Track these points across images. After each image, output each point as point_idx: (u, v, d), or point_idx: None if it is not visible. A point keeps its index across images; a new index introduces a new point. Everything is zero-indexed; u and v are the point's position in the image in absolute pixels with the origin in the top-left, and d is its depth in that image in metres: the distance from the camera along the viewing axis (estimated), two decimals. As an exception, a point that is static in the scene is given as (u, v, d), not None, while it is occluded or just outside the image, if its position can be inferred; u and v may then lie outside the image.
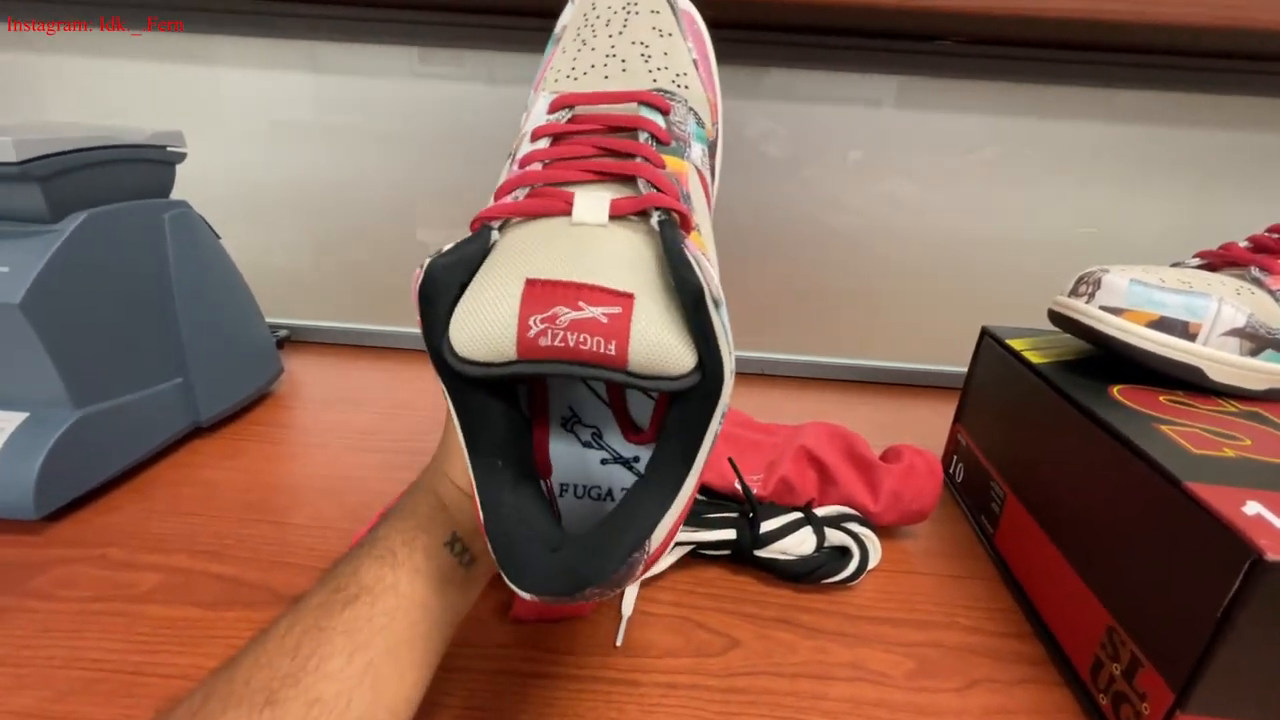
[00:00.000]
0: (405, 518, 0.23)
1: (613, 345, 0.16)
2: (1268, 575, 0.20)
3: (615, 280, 0.17)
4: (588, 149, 0.22)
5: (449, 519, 0.23)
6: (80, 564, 0.32)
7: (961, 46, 0.52)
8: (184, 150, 0.43)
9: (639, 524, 0.17)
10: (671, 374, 0.17)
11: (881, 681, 0.28)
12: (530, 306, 0.16)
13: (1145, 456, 0.26)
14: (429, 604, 0.22)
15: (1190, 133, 0.55)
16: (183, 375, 0.42)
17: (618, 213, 0.19)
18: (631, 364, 0.16)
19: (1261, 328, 0.31)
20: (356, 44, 0.56)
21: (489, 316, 0.17)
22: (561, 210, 0.19)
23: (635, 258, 0.18)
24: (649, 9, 0.27)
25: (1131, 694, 0.25)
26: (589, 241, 0.18)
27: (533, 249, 0.18)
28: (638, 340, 0.16)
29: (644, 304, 0.16)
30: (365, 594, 0.20)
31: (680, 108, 0.25)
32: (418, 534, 0.23)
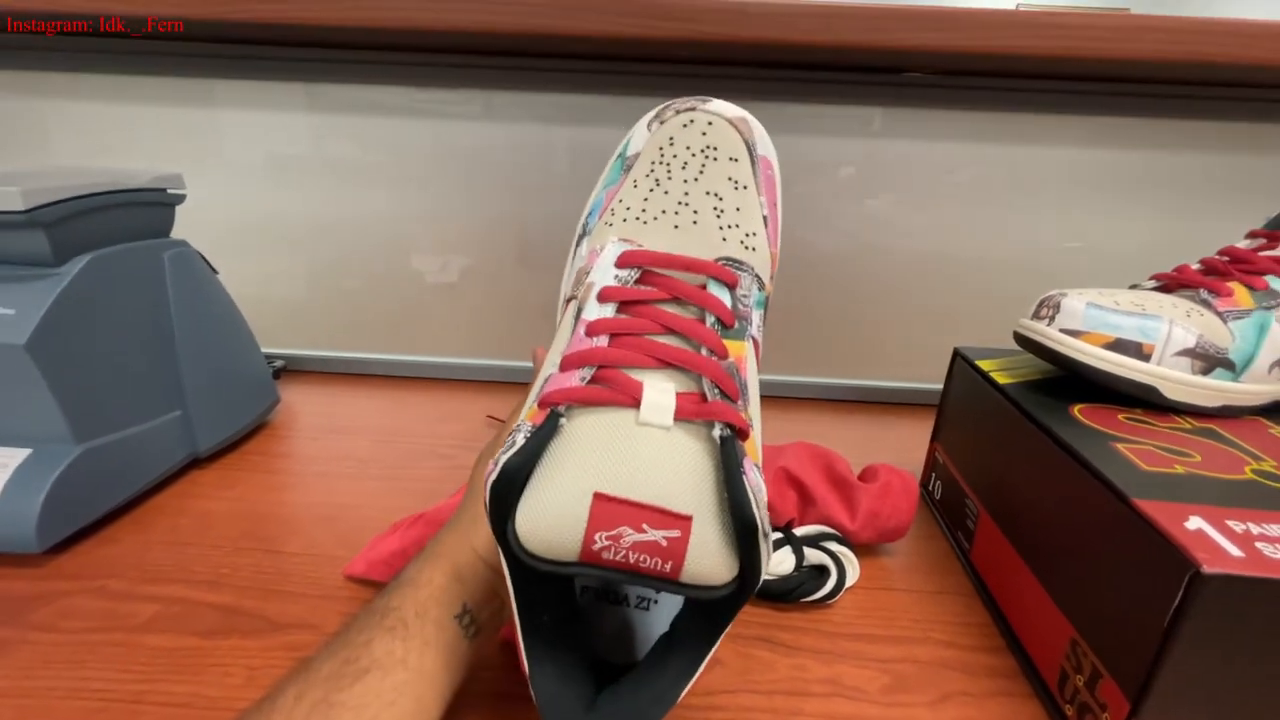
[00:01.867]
0: (420, 586, 0.24)
1: (669, 565, 0.18)
2: (1207, 588, 0.22)
3: (677, 501, 0.18)
4: (654, 325, 0.22)
5: (462, 591, 0.25)
6: (81, 595, 0.33)
7: (935, 79, 0.55)
8: (183, 192, 0.44)
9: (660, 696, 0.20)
10: (715, 585, 0.19)
11: (857, 697, 0.29)
12: (597, 523, 0.18)
13: (1098, 473, 0.27)
14: (435, 676, 0.22)
15: (1166, 156, 0.57)
16: (181, 408, 0.43)
17: (681, 417, 0.20)
18: (683, 578, 0.18)
19: (1210, 348, 0.32)
20: (353, 84, 0.58)
21: (557, 523, 0.18)
22: (628, 404, 0.20)
23: (696, 471, 0.19)
24: (728, 155, 0.26)
25: (1094, 704, 0.26)
26: (654, 451, 0.19)
27: (601, 452, 0.19)
28: (691, 563, 0.18)
29: (700, 528, 0.18)
30: (376, 668, 0.21)
31: (746, 278, 0.25)
32: (431, 605, 0.24)
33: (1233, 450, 0.30)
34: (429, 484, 0.45)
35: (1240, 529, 0.23)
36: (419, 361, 0.65)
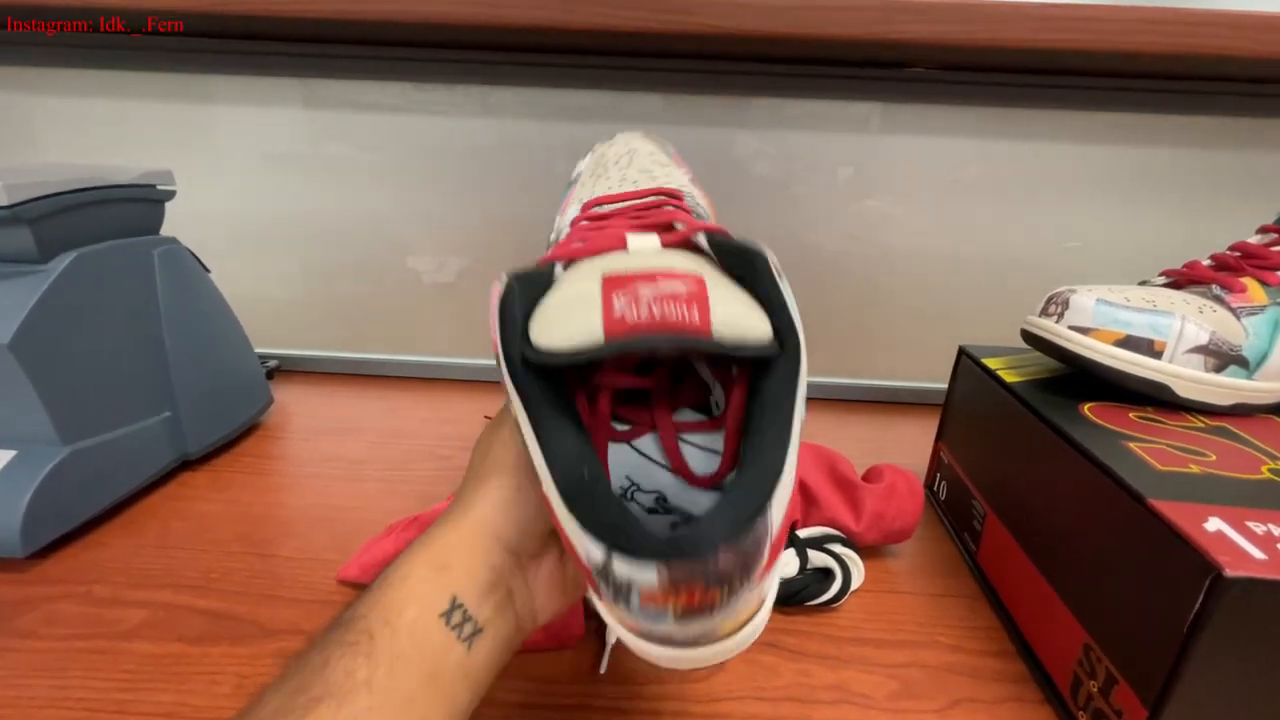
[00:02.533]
0: (392, 586, 0.19)
1: (695, 311, 0.17)
2: (1229, 591, 0.21)
3: (682, 269, 0.18)
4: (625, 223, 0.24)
5: (450, 581, 0.20)
6: (66, 601, 0.32)
7: (936, 73, 0.54)
8: (173, 188, 0.43)
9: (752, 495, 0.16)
10: (754, 341, 0.17)
11: (865, 704, 0.29)
12: (611, 288, 0.17)
13: (1112, 474, 0.26)
14: (414, 698, 0.18)
15: (1168, 152, 0.57)
16: (171, 409, 0.42)
17: (667, 244, 0.21)
18: (715, 331, 0.17)
19: (1224, 345, 0.32)
20: (349, 80, 0.57)
21: (572, 307, 0.18)
22: (617, 246, 0.21)
23: (695, 259, 0.20)
24: (646, 150, 0.34)
25: (1109, 711, 0.25)
26: (649, 256, 0.20)
27: (599, 264, 0.19)
28: (717, 304, 0.17)
29: (714, 283, 0.18)
30: (330, 697, 0.16)
31: (689, 199, 0.29)
32: (404, 607, 0.19)
33: (1248, 449, 0.29)
34: (425, 485, 0.44)
35: (1261, 530, 0.23)
36: (415, 362, 0.65)
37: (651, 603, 0.15)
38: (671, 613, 0.15)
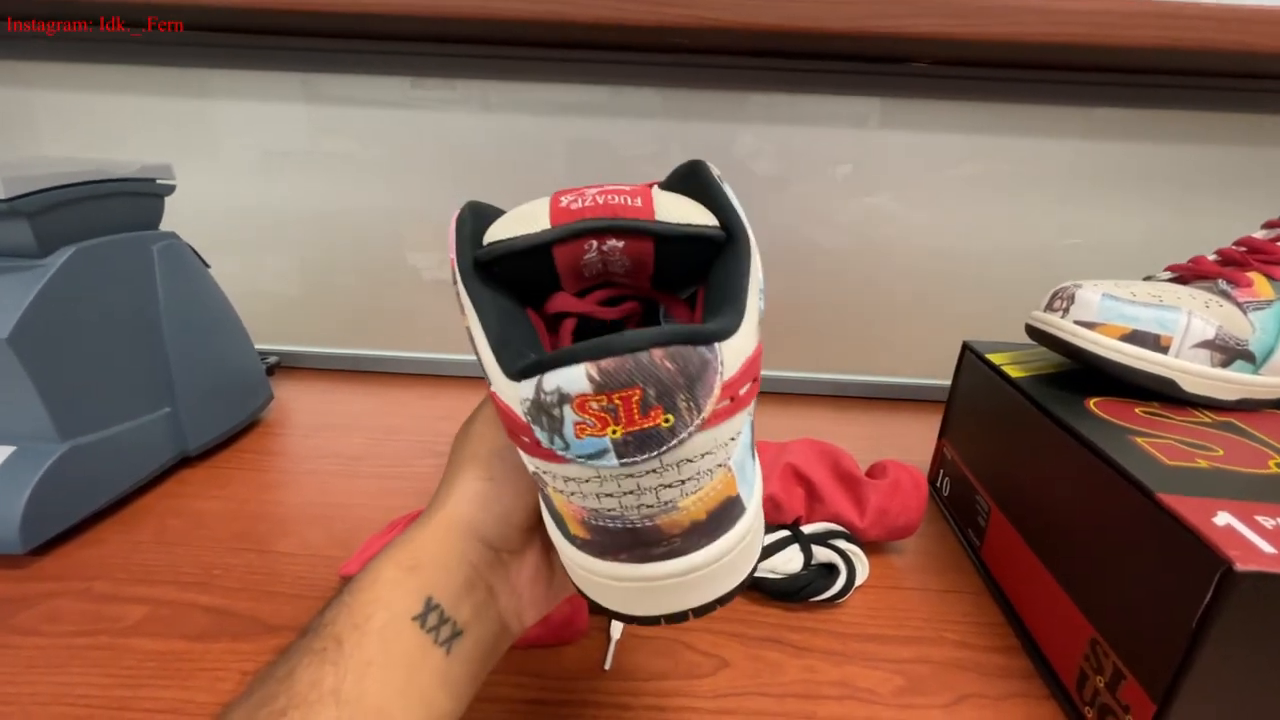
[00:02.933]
0: (361, 589, 0.18)
1: (639, 200, 0.18)
2: (1239, 586, 0.21)
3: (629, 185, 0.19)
4: None
5: (423, 581, 0.19)
6: (66, 598, 0.32)
7: (937, 68, 0.54)
8: (173, 182, 0.43)
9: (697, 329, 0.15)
10: (698, 224, 0.18)
11: (870, 699, 0.28)
12: (559, 195, 0.18)
13: (1119, 468, 0.26)
14: (387, 709, 0.16)
15: (1167, 148, 0.57)
16: (171, 405, 0.42)
17: None
18: (659, 215, 0.17)
19: (1230, 339, 0.31)
20: (350, 75, 0.57)
21: (522, 213, 0.18)
22: None
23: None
24: None
25: (1116, 706, 0.25)
26: None
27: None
28: (660, 198, 0.18)
29: (659, 191, 0.19)
30: (294, 709, 0.16)
31: None
32: (374, 610, 0.18)
33: (1255, 444, 0.29)
34: (425, 482, 0.44)
35: (1270, 525, 0.23)
36: (415, 358, 0.64)
37: (585, 421, 0.14)
38: (611, 442, 0.14)
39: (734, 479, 0.17)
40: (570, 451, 0.15)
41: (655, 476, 0.15)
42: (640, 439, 0.14)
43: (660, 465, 0.15)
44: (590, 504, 0.16)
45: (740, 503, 0.17)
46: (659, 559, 0.16)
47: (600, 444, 0.14)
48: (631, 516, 0.16)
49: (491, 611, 0.20)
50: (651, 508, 0.15)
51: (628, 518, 0.16)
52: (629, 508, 0.15)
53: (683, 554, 0.16)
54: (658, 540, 0.16)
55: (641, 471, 0.15)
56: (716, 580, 0.17)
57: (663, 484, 0.15)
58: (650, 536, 0.16)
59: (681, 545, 0.16)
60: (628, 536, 0.16)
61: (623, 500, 0.15)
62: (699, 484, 0.16)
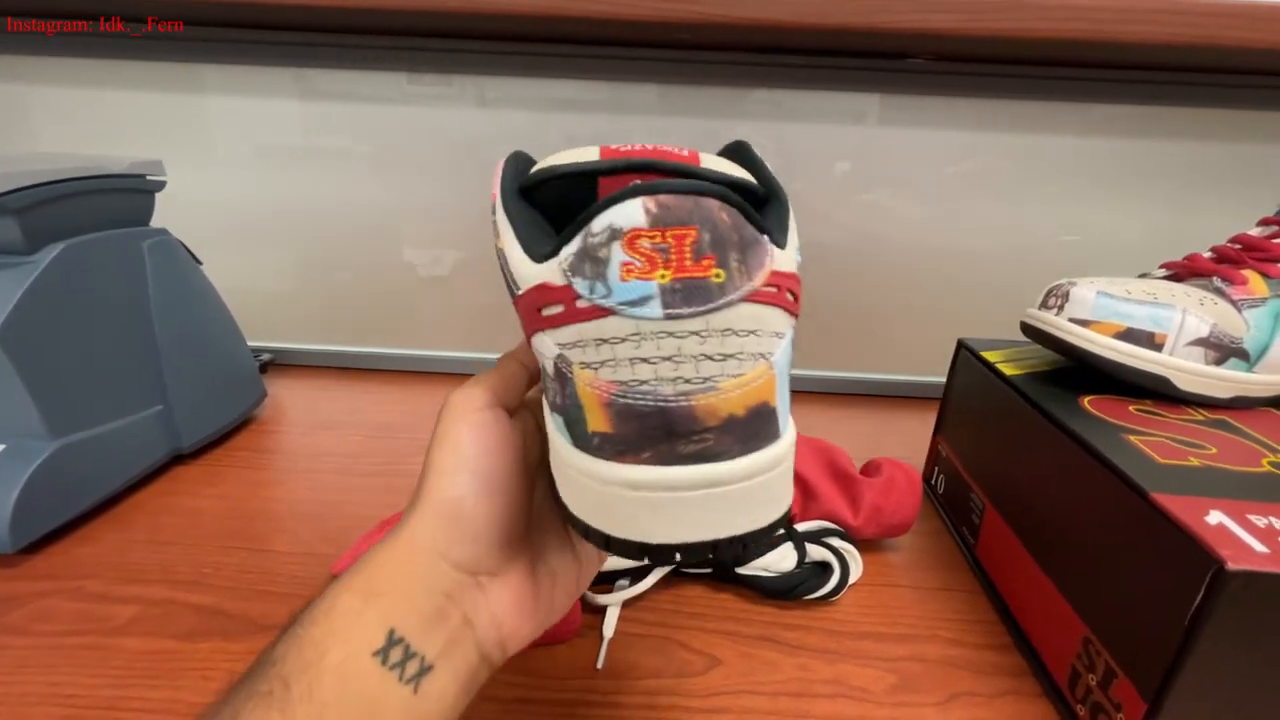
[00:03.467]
0: (314, 621, 0.16)
1: (685, 152, 0.17)
2: (1231, 585, 0.21)
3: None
4: None
5: (384, 611, 0.17)
6: (56, 597, 0.32)
7: (936, 64, 0.54)
8: (163, 179, 0.43)
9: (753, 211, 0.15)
10: (739, 179, 0.18)
11: (863, 698, 0.28)
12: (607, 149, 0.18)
13: (1112, 466, 0.26)
14: None
15: (1166, 144, 0.56)
16: (163, 402, 0.42)
17: None
18: (703, 164, 0.17)
19: (1224, 337, 0.31)
20: (344, 70, 0.56)
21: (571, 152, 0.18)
22: None
23: None
24: None
25: (1108, 704, 0.25)
26: None
27: None
28: (706, 156, 0.18)
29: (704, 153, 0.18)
30: None
31: None
32: (328, 645, 0.16)
33: (1248, 442, 0.29)
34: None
35: (1262, 523, 0.23)
36: (410, 355, 0.64)
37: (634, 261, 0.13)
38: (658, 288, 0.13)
39: (775, 383, 0.15)
40: (613, 298, 0.14)
41: (698, 341, 0.14)
42: (689, 288, 0.13)
43: (706, 328, 0.14)
44: (622, 374, 0.14)
45: (777, 419, 0.16)
46: (688, 459, 0.15)
47: (646, 289, 0.13)
48: (665, 391, 0.14)
49: (467, 644, 0.18)
50: (689, 383, 0.14)
51: (661, 393, 0.14)
52: (664, 379, 0.14)
53: (716, 457, 0.15)
54: (690, 430, 0.14)
55: (684, 331, 0.14)
56: (750, 506, 0.15)
57: (704, 353, 0.14)
58: (683, 423, 0.14)
59: (715, 444, 0.15)
60: (658, 420, 0.14)
61: (659, 369, 0.14)
62: (741, 366, 0.14)
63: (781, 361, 0.16)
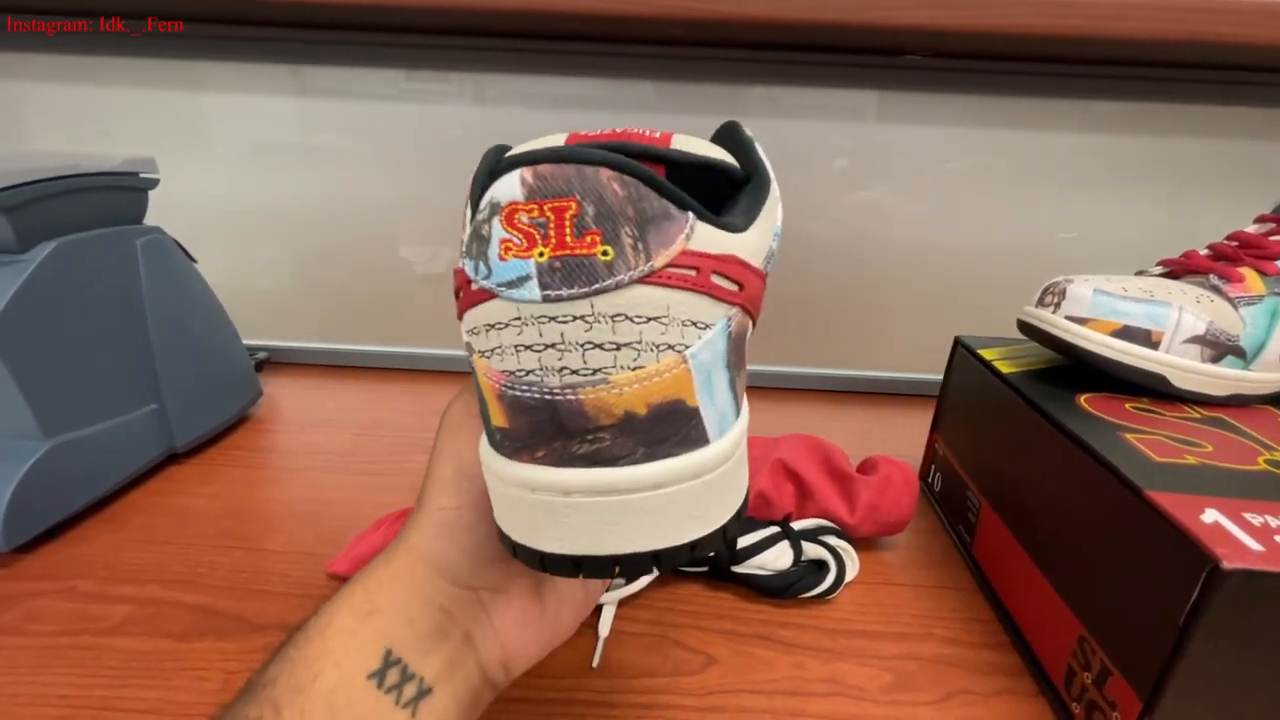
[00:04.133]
0: (309, 641, 0.16)
1: (656, 134, 0.16)
2: (1226, 583, 0.21)
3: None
4: None
5: (381, 630, 0.16)
6: (49, 597, 0.32)
7: (934, 61, 0.53)
8: (156, 176, 0.42)
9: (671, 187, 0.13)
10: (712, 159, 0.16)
11: (859, 696, 0.28)
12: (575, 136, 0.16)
13: (1108, 465, 0.26)
14: None
15: (1164, 141, 0.56)
16: (157, 402, 0.41)
17: None
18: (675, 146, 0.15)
19: (1221, 335, 0.31)
20: (342, 67, 0.56)
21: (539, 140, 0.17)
22: None
23: None
24: None
25: (1103, 703, 0.25)
26: None
27: None
28: (679, 137, 0.16)
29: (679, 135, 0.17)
30: None
31: None
32: (322, 667, 0.15)
33: (1244, 440, 0.29)
34: (416, 478, 0.42)
35: (1258, 522, 0.22)
36: (407, 353, 0.64)
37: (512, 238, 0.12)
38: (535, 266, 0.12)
39: (691, 379, 0.14)
40: (492, 279, 0.13)
41: (583, 327, 0.13)
42: (570, 267, 0.12)
43: (591, 312, 0.12)
44: (509, 363, 0.13)
45: (698, 421, 0.14)
46: (581, 462, 0.13)
47: (523, 267, 0.12)
48: (551, 383, 0.13)
49: (468, 664, 0.18)
50: (576, 374, 0.13)
51: (547, 384, 0.13)
52: (549, 369, 0.13)
53: (611, 460, 0.13)
54: (581, 428, 0.13)
55: (568, 315, 0.12)
56: (659, 519, 0.14)
57: (592, 340, 0.13)
58: (573, 419, 0.13)
59: (611, 445, 0.13)
60: (546, 414, 0.13)
61: (543, 357, 0.13)
62: (638, 359, 0.13)
63: (705, 356, 0.14)
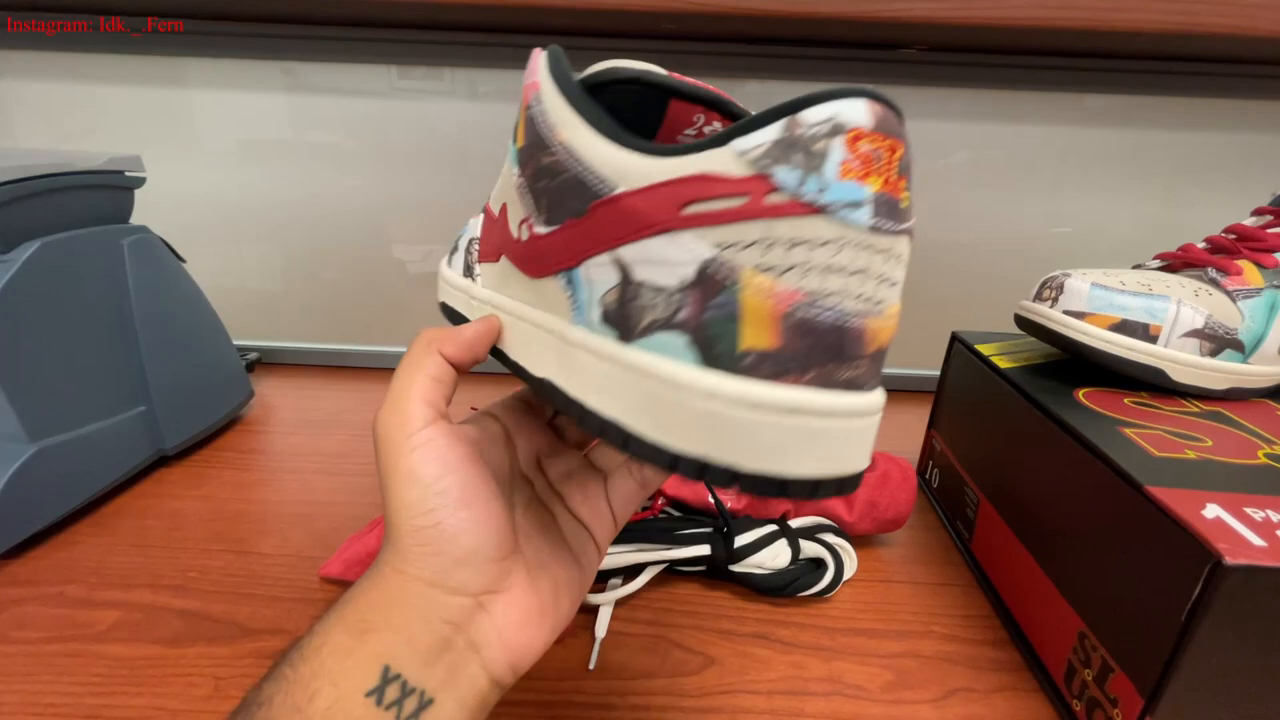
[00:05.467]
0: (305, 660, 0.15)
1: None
2: (1228, 579, 0.20)
3: None
4: None
5: (378, 648, 0.16)
6: (36, 603, 0.31)
7: (929, 54, 0.53)
8: (142, 175, 0.42)
9: None
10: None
11: (858, 695, 0.28)
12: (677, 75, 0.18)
13: (1108, 460, 0.26)
14: None
15: (1160, 134, 0.56)
16: (145, 403, 0.41)
17: None
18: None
19: (1219, 328, 0.31)
20: (333, 63, 0.55)
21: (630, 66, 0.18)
22: None
23: None
24: None
25: (1104, 699, 0.25)
26: None
27: None
28: None
29: None
30: None
31: None
32: (319, 686, 0.15)
33: (1243, 434, 0.29)
34: (410, 479, 0.43)
35: (1260, 516, 0.22)
36: (400, 353, 0.63)
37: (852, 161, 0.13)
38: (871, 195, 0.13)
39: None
40: (826, 195, 0.13)
41: (883, 260, 0.13)
42: (890, 204, 0.13)
43: (892, 249, 0.13)
44: (811, 283, 0.13)
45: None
46: (841, 386, 0.14)
47: (861, 193, 0.13)
48: (848, 308, 0.13)
49: (473, 668, 0.17)
50: (868, 302, 0.13)
51: (844, 309, 0.13)
52: (850, 295, 0.13)
53: (861, 387, 0.14)
54: (853, 355, 0.14)
55: (880, 247, 0.13)
56: (867, 444, 0.15)
57: (885, 274, 0.13)
58: (851, 345, 0.14)
59: (864, 374, 0.14)
60: (833, 339, 0.13)
61: (849, 282, 0.13)
62: (896, 297, 0.14)
63: None
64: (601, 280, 0.16)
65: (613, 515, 0.23)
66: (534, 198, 0.18)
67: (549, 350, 0.18)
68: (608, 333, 0.16)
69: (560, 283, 0.17)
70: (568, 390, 0.17)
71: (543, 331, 0.19)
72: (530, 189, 0.18)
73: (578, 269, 0.16)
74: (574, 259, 0.16)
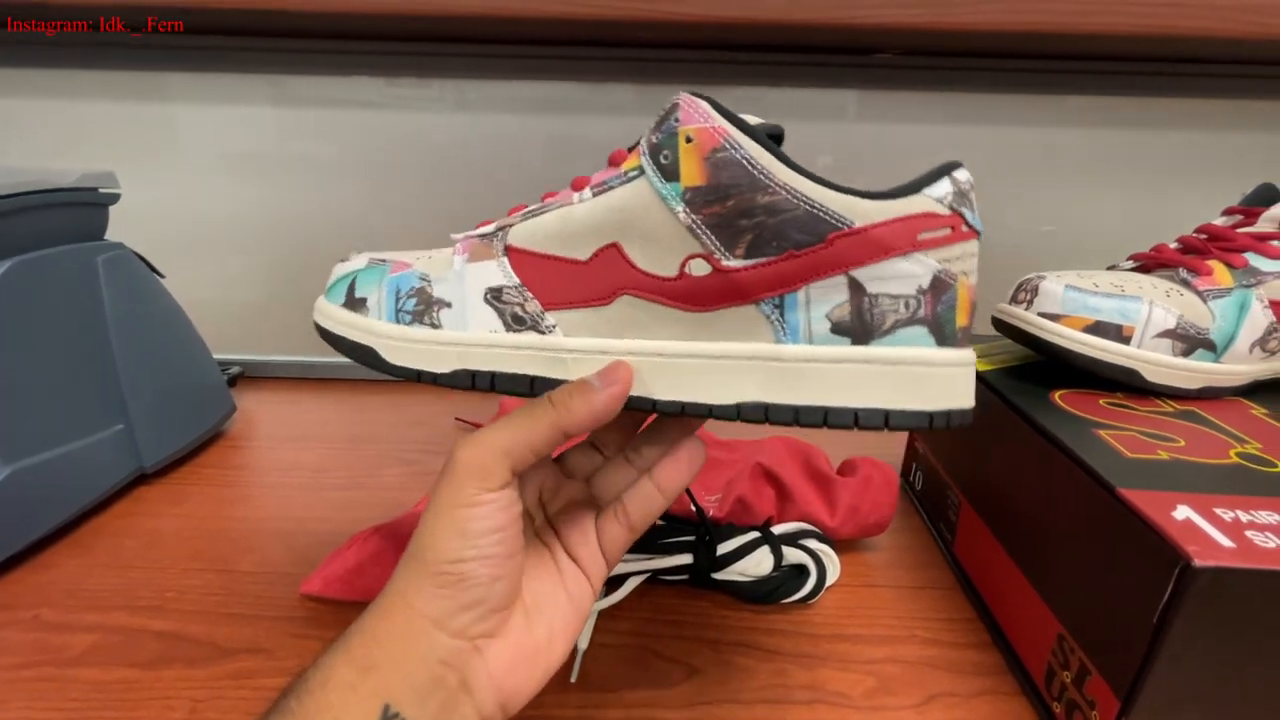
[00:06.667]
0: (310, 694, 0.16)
1: None
2: (1198, 581, 0.21)
3: None
4: None
5: (380, 685, 0.16)
6: (11, 628, 0.31)
7: (908, 59, 0.54)
8: (117, 191, 0.41)
9: None
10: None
11: (840, 703, 0.28)
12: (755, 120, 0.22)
13: (1081, 462, 0.26)
14: None
15: (1140, 134, 0.57)
16: (123, 421, 0.40)
17: None
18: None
19: (1191, 328, 0.31)
20: (321, 75, 0.55)
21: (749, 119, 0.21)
22: None
23: None
24: None
25: (1082, 701, 0.25)
26: None
27: None
28: None
29: None
30: None
31: None
32: None
33: (1216, 433, 0.29)
34: (392, 492, 0.43)
35: (1229, 517, 0.22)
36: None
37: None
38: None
39: None
40: (977, 224, 0.21)
41: None
42: None
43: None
44: (975, 279, 0.21)
45: None
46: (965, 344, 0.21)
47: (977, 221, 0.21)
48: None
49: (465, 709, 0.18)
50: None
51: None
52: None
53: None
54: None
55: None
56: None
57: None
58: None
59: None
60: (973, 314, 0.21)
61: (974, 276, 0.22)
62: None
63: None
64: (825, 299, 0.20)
65: (604, 558, 0.24)
66: (726, 234, 0.20)
67: (746, 375, 0.21)
68: (840, 341, 0.20)
69: (764, 309, 0.20)
70: (787, 402, 0.20)
71: (728, 360, 0.21)
72: (716, 226, 0.20)
73: (796, 293, 0.20)
74: (793, 284, 0.20)
